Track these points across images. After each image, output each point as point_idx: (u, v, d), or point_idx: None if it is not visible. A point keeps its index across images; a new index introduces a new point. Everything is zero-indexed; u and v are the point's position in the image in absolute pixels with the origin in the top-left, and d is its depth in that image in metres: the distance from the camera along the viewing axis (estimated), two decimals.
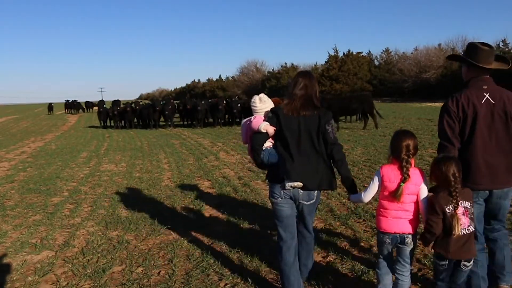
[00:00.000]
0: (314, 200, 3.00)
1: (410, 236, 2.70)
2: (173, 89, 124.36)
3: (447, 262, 2.62)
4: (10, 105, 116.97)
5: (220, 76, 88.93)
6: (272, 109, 3.13)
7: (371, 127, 15.16)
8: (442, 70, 41.87)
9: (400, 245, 2.73)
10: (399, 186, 2.63)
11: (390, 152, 2.78)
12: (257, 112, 3.26)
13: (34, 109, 59.89)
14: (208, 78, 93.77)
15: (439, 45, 46.50)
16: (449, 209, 2.53)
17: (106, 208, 5.85)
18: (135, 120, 22.02)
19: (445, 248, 2.59)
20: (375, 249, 3.98)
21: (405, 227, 2.69)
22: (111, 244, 4.44)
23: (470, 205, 2.60)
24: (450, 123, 2.85)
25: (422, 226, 2.72)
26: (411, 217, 2.70)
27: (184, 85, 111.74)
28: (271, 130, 2.99)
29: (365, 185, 6.34)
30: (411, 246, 2.73)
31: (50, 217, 5.48)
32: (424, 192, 2.71)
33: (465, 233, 2.56)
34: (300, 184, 2.91)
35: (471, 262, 2.64)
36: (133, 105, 23.05)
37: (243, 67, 73.72)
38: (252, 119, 3.19)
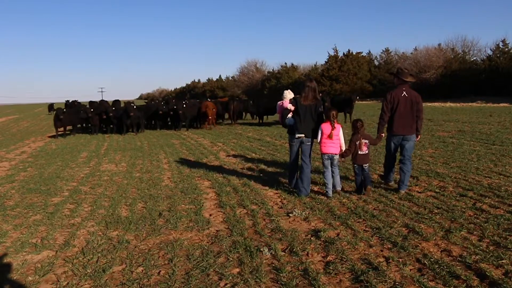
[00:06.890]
0: (309, 143, 6.03)
1: (336, 155, 5.91)
2: (173, 89, 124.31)
3: (357, 166, 5.98)
4: (10, 105, 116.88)
5: (220, 76, 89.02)
6: (293, 97, 6.43)
7: (369, 128, 15.14)
8: (442, 70, 41.83)
9: (331, 160, 5.90)
10: (331, 132, 5.81)
11: (325, 117, 5.93)
12: (285, 98, 6.96)
13: (34, 109, 59.87)
14: (208, 78, 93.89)
15: (439, 45, 46.36)
16: (357, 142, 5.95)
17: (106, 208, 5.85)
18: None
19: (355, 159, 5.98)
20: (375, 249, 4.02)
21: (334, 150, 5.89)
22: (111, 244, 4.44)
23: (368, 142, 5.97)
24: (387, 105, 6.01)
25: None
26: (337, 146, 5.90)
27: (184, 85, 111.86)
28: (293, 108, 6.13)
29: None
30: (337, 160, 5.95)
31: (50, 217, 5.49)
32: (341, 134, 5.94)
33: (363, 153, 5.94)
34: (303, 135, 5.96)
35: (367, 165, 5.96)
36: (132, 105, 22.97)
37: (243, 67, 73.56)
38: (283, 102, 6.77)
